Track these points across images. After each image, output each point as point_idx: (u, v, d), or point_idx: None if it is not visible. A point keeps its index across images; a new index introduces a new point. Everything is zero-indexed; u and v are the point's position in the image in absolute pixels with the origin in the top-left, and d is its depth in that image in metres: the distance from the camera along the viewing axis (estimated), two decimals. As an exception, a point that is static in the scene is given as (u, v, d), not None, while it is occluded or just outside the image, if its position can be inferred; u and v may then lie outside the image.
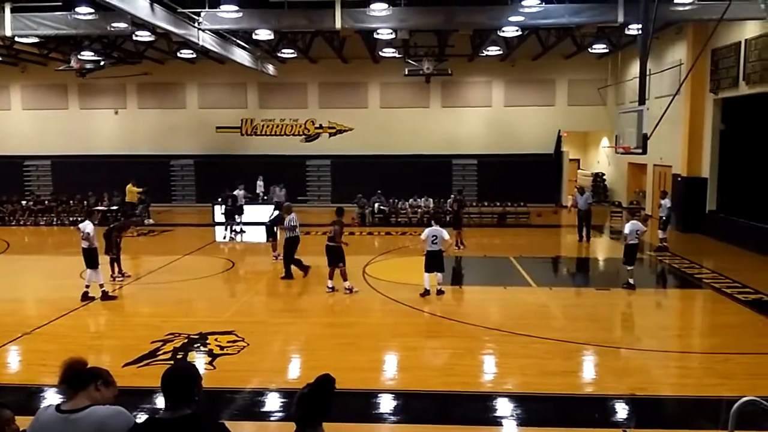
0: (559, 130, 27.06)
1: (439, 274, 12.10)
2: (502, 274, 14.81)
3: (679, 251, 16.62)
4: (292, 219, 13.79)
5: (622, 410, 7.13)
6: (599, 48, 21.90)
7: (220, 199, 21.66)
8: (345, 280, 12.46)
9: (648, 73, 14.15)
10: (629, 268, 12.68)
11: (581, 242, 18.49)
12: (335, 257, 12.43)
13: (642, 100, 13.50)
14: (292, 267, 13.76)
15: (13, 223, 22.95)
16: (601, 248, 18.57)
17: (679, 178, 20.00)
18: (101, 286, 11.94)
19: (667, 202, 17.59)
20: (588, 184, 28.25)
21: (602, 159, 29.26)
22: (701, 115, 19.25)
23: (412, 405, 7.24)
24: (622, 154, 15.69)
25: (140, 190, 22.85)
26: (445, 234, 12.22)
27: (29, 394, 7.21)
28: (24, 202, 24.20)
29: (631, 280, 12.57)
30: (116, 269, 13.60)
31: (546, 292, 12.67)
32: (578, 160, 32.37)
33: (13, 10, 15.33)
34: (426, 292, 11.97)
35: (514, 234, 20.29)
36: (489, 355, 8.89)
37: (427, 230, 12.22)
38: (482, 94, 27.72)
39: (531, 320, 10.46)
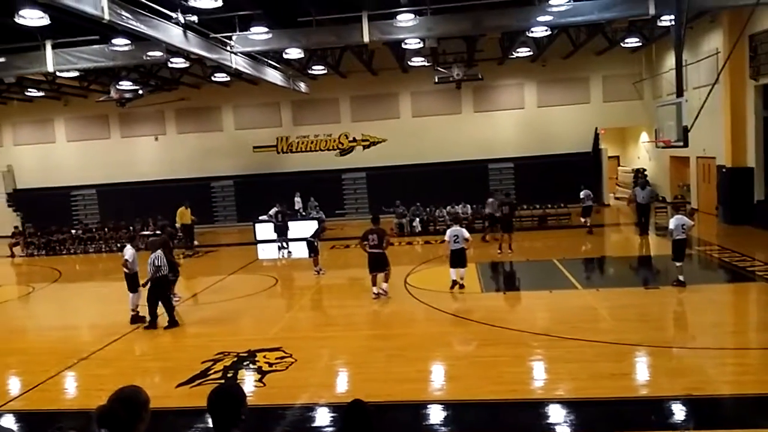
0: (596, 128, 26.63)
1: (461, 269, 13.04)
2: (546, 277, 14.60)
3: (729, 244, 16.12)
4: (159, 256, 11.70)
5: (679, 411, 6.93)
6: (632, 42, 21.53)
7: (268, 216, 21.92)
8: (386, 281, 12.91)
9: (684, 64, 13.86)
10: (678, 264, 12.34)
11: (642, 237, 18.14)
12: (380, 264, 12.82)
13: (680, 91, 13.23)
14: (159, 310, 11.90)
15: (64, 252, 23.72)
16: (648, 245, 18.13)
17: (724, 169, 19.43)
18: (133, 309, 12.21)
19: (588, 192, 19.75)
20: (630, 181, 27.76)
21: (642, 154, 28.66)
22: (742, 103, 18.71)
23: (462, 415, 7.18)
24: (662, 148, 15.39)
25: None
26: (465, 233, 13.15)
27: (88, 419, 7.42)
28: (73, 231, 24.98)
29: (681, 277, 12.23)
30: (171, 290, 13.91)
31: (593, 293, 12.44)
32: (618, 157, 31.79)
33: (53, 47, 15.94)
34: (453, 284, 13.02)
35: (555, 236, 20.00)
36: (538, 361, 8.76)
37: (449, 231, 13.30)
38: (515, 96, 27.52)
39: (579, 323, 10.27)
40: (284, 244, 20.47)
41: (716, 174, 20.20)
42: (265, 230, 22.76)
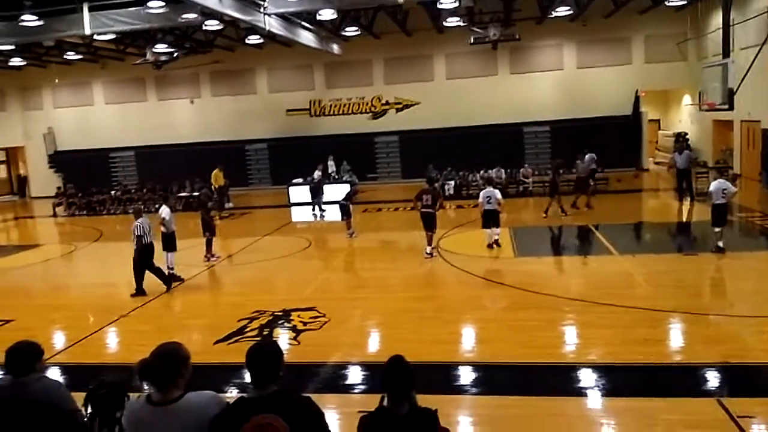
0: (637, 90, 25.84)
1: (496, 229, 13.42)
2: (581, 242, 14.44)
3: (773, 211, 15.66)
4: (140, 224, 11.39)
5: (714, 378, 6.85)
6: (677, 0, 20.64)
7: (312, 179, 22.07)
8: (429, 244, 13.16)
9: (731, 23, 13.28)
10: (717, 230, 12.03)
11: (682, 203, 17.71)
12: (432, 223, 13.16)
13: (726, 52, 12.75)
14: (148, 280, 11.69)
15: (104, 213, 24.33)
16: (687, 211, 17.71)
17: (770, 133, 18.75)
18: (170, 268, 12.44)
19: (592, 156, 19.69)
20: (671, 145, 26.99)
21: (684, 118, 27.78)
22: (793, 64, 17.89)
23: (493, 377, 7.24)
24: (706, 111, 14.92)
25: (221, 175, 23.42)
26: (497, 194, 13.42)
27: (131, 373, 7.69)
28: (112, 192, 25.60)
29: (720, 243, 11.94)
30: (209, 250, 14.24)
31: (629, 259, 12.26)
32: (658, 121, 30.90)
33: (90, 9, 16.08)
34: (490, 245, 13.37)
35: (593, 200, 19.70)
36: (570, 326, 8.73)
37: (482, 192, 13.63)
38: (553, 57, 26.83)
39: (614, 289, 10.16)
40: (320, 207, 20.56)
41: (761, 138, 19.49)
42: (298, 193, 22.96)
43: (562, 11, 21.32)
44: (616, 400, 6.42)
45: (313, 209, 20.59)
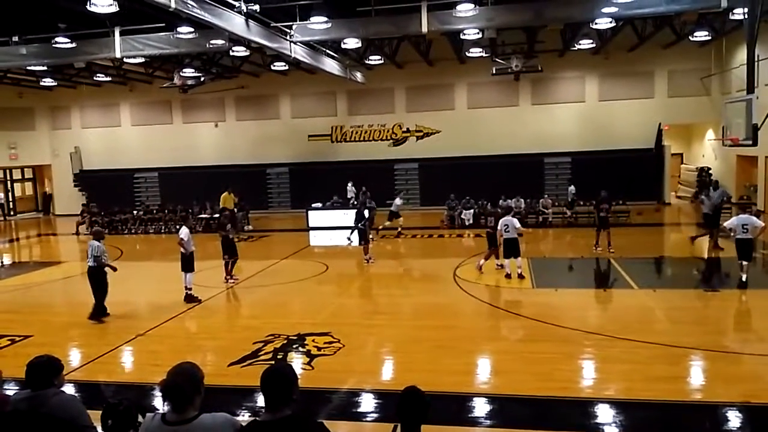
0: (660, 124, 25.74)
1: (517, 259, 13.39)
2: (601, 275, 14.28)
3: (798, 249, 15.36)
4: (95, 248, 11.13)
5: (734, 418, 6.68)
6: (701, 35, 20.66)
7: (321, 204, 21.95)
8: (497, 258, 14.30)
9: (756, 59, 13.19)
10: (741, 262, 11.94)
11: (712, 241, 17.23)
12: (493, 242, 14.26)
13: (751, 88, 12.63)
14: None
15: (126, 232, 24.65)
16: (711, 248, 17.43)
17: (796, 170, 18.49)
18: (188, 288, 12.52)
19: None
20: (693, 179, 26.79)
21: (708, 152, 27.53)
22: (819, 101, 17.70)
23: (507, 409, 7.12)
24: (729, 146, 14.76)
25: (235, 199, 23.50)
26: (516, 223, 13.56)
27: (144, 393, 7.74)
28: (135, 212, 25.95)
29: (743, 276, 11.80)
30: (227, 271, 14.33)
31: (649, 294, 12.08)
32: (681, 155, 30.67)
33: (121, 33, 16.52)
34: (508, 276, 13.34)
35: (613, 234, 19.48)
36: (589, 360, 8.59)
37: (501, 221, 13.60)
38: (575, 89, 26.90)
39: (633, 324, 10.01)
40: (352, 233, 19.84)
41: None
42: (317, 217, 23.04)
43: (585, 44, 21.42)
44: (633, 438, 6.29)
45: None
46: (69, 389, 7.53)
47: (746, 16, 13.23)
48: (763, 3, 12.57)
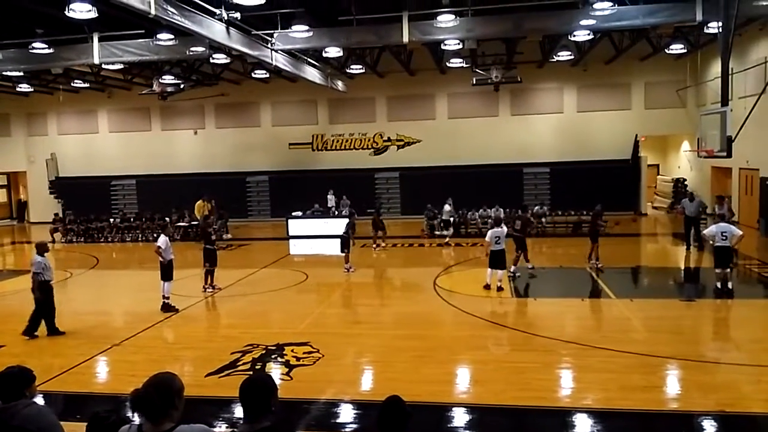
0: (636, 135, 26.14)
1: (500, 272, 13.18)
2: (579, 285, 14.40)
3: (771, 259, 15.65)
4: (36, 264, 10.79)
5: (710, 427, 6.76)
6: (677, 48, 21.05)
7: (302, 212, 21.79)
8: (527, 260, 14.81)
9: (730, 72, 13.48)
10: (718, 271, 12.21)
11: (688, 251, 17.54)
12: (521, 245, 14.66)
13: (725, 100, 12.90)
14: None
15: (102, 240, 24.29)
16: (690, 258, 17.69)
17: (767, 182, 18.90)
18: (165, 297, 12.40)
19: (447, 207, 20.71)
20: (669, 190, 27.19)
21: (683, 164, 28.01)
22: (790, 114, 18.12)
23: (486, 419, 7.13)
24: (704, 157, 15.02)
25: (209, 207, 23.20)
26: (505, 233, 13.58)
27: (119, 404, 7.60)
28: (111, 220, 25.57)
29: (718, 284, 12.08)
30: (208, 281, 14.19)
31: (626, 303, 12.20)
32: (657, 166, 31.14)
33: (100, 39, 16.35)
34: (487, 286, 13.17)
35: (590, 243, 19.70)
36: (566, 369, 8.64)
37: (490, 231, 13.43)
38: (553, 100, 27.22)
39: (611, 333, 10.11)
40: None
41: (759, 186, 19.63)
42: (297, 226, 22.99)
43: (564, 56, 21.71)
44: (611, 447, 6.33)
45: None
46: (41, 401, 7.38)
47: (720, 30, 13.53)
48: (737, 17, 12.85)
